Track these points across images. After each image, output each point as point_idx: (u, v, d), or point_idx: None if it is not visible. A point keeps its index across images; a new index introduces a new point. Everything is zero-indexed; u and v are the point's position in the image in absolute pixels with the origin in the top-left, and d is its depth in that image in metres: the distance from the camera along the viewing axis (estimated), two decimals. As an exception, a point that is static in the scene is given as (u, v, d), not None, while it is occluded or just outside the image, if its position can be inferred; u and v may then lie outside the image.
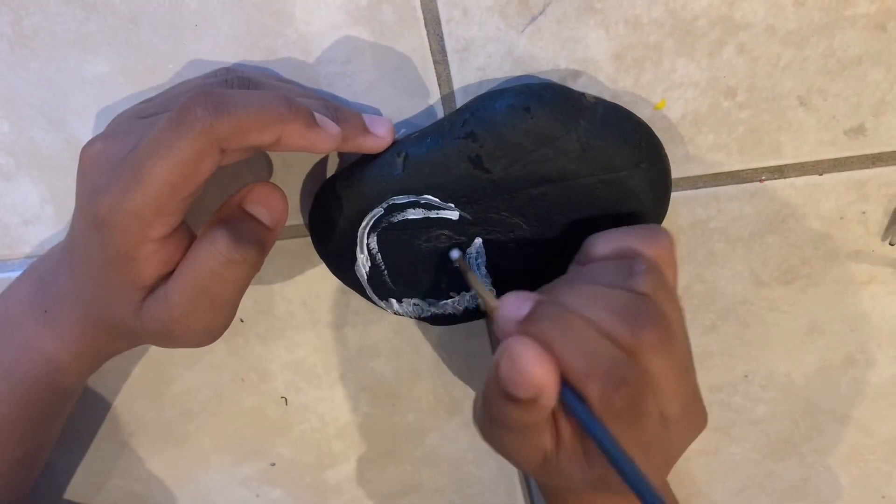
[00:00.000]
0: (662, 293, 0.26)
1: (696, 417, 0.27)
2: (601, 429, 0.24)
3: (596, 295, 0.26)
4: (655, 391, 0.25)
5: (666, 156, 0.30)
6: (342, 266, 0.34)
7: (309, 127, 0.26)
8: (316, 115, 0.27)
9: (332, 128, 0.27)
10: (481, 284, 0.30)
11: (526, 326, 0.25)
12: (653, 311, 0.25)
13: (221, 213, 0.30)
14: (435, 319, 0.34)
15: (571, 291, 0.26)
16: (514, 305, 0.26)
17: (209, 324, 0.30)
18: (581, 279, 0.28)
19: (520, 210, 0.30)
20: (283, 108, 0.26)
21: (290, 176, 0.35)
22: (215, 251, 0.28)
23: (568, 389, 0.25)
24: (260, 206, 0.30)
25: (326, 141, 0.27)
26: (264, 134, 0.26)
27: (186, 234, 0.29)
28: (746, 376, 0.40)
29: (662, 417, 0.26)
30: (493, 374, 0.26)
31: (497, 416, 0.26)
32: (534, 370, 0.24)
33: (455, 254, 0.31)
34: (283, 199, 0.30)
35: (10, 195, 0.37)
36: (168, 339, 0.30)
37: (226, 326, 0.31)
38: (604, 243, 0.27)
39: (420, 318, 0.35)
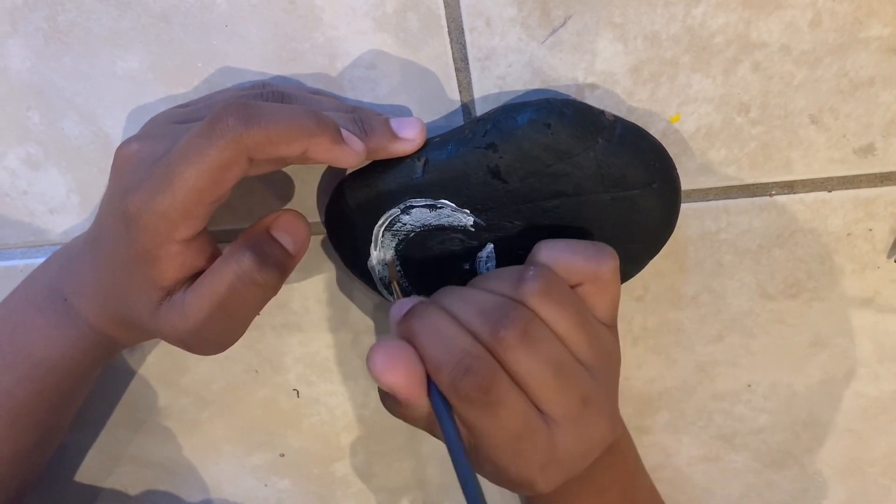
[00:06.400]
0: (545, 299, 0.27)
1: (587, 425, 0.28)
2: (441, 408, 0.27)
3: (470, 296, 0.28)
4: (525, 388, 0.27)
5: (677, 176, 0.31)
6: (355, 260, 0.35)
7: (335, 142, 0.27)
8: (342, 131, 0.28)
9: (356, 144, 0.28)
10: (397, 287, 0.33)
11: (401, 324, 0.28)
12: (518, 313, 0.27)
13: (249, 235, 0.30)
14: None
15: (454, 292, 0.29)
16: (399, 307, 0.29)
17: (220, 337, 0.31)
18: (476, 282, 0.30)
19: (532, 220, 0.31)
20: (311, 122, 0.27)
21: (310, 172, 0.36)
22: (240, 270, 0.29)
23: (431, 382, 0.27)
24: (286, 234, 0.31)
25: (350, 156, 0.28)
26: (291, 146, 0.26)
27: (208, 241, 0.30)
28: (750, 386, 0.41)
29: (544, 417, 0.27)
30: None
31: (390, 410, 0.30)
32: (389, 370, 0.27)
33: (389, 256, 0.34)
34: (308, 228, 0.31)
35: (38, 184, 0.38)
36: (178, 343, 0.31)
37: (235, 341, 0.32)
38: (548, 252, 0.29)
39: None
